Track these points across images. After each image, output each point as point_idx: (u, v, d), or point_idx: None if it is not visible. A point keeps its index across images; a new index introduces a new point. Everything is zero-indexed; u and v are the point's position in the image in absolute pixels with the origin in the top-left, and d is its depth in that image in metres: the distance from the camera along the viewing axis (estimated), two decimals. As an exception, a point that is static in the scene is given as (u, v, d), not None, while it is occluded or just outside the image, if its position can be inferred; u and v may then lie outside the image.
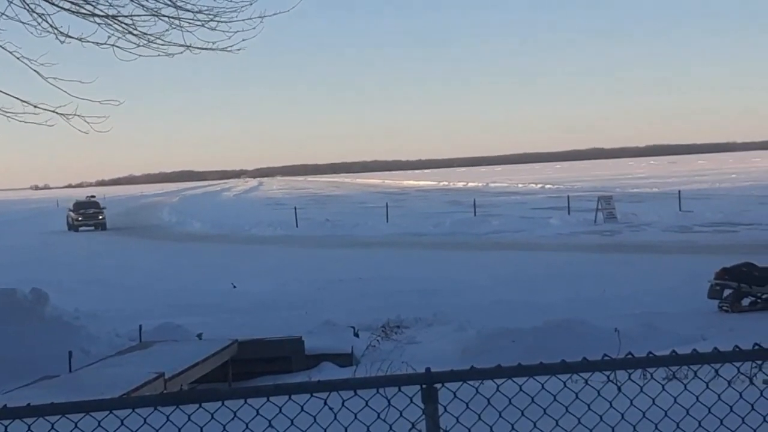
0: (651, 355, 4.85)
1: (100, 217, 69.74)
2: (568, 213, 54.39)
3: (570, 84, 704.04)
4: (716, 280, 21.94)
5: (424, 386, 4.56)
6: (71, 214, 70.53)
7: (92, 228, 68.27)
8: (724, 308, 21.65)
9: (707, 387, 5.24)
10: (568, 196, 60.19)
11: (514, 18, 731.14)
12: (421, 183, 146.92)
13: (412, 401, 4.74)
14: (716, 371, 5.39)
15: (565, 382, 5.02)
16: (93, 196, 76.95)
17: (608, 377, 6.09)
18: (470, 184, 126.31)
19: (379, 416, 4.94)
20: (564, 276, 29.20)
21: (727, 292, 21.84)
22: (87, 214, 69.87)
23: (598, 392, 5.18)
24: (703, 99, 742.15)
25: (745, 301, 21.96)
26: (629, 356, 4.90)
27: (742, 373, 7.31)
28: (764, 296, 22.03)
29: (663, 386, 5.62)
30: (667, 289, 24.80)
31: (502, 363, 4.68)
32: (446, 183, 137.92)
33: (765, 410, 5.35)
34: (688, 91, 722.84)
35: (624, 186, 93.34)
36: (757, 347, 4.87)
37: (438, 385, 4.59)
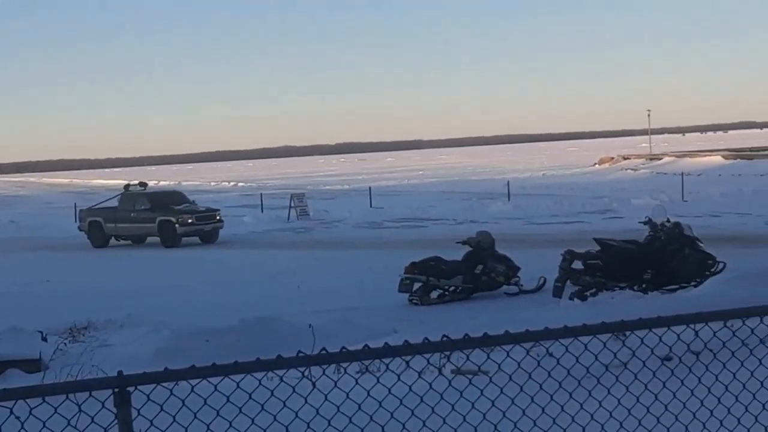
0: (344, 350, 4.90)
1: (218, 217, 42.18)
2: (261, 211, 54.59)
3: (258, 82, 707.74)
4: (406, 275, 22.58)
5: (116, 390, 4.43)
6: (162, 217, 40.61)
7: (197, 239, 41.09)
8: (414, 301, 22.31)
9: (399, 379, 5.35)
10: (261, 194, 60.42)
11: (182, 20, 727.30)
12: (112, 182, 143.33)
13: (104, 406, 4.59)
14: (407, 363, 5.52)
15: (260, 380, 5.00)
16: (145, 184, 45.67)
17: (303, 373, 6.13)
18: (162, 183, 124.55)
19: (69, 423, 4.77)
20: (258, 273, 29.30)
21: (416, 285, 22.52)
22: (201, 215, 41.48)
23: (294, 388, 5.19)
24: (389, 99, 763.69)
25: (434, 294, 22.71)
26: (323, 352, 4.94)
27: (431, 364, 7.53)
28: (452, 289, 22.87)
29: (356, 380, 5.71)
30: (359, 284, 25.31)
31: (197, 363, 4.61)
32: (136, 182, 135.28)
33: (453, 399, 5.52)
34: (375, 91, 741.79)
35: (316, 183, 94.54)
36: (445, 338, 5.01)
37: (131, 389, 4.47)
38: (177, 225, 40.20)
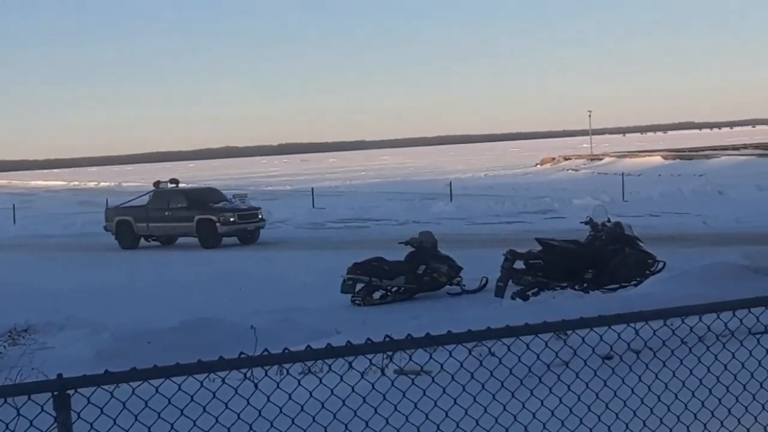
0: (287, 351, 4.88)
1: (260, 216, 39.78)
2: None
3: (201, 82, 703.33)
4: (348, 275, 22.58)
5: (55, 393, 4.38)
6: (201, 216, 37.78)
7: (236, 238, 38.42)
8: (356, 302, 22.32)
9: (342, 379, 5.34)
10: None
11: (121, 20, 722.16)
12: (51, 183, 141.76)
13: (43, 409, 4.54)
14: (350, 364, 5.51)
15: (202, 382, 4.97)
16: (177, 181, 42.59)
17: (245, 375, 6.10)
18: (102, 184, 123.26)
19: (8, 427, 4.71)
20: (202, 273, 29.20)
21: (359, 286, 22.53)
22: (243, 213, 38.97)
23: (236, 390, 5.16)
24: (332, 99, 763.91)
25: (377, 295, 22.73)
26: (265, 353, 4.92)
27: (374, 365, 7.53)
28: (394, 289, 22.90)
29: (299, 381, 5.69)
30: (302, 284, 25.27)
31: (137, 365, 4.57)
32: (77, 183, 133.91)
33: (396, 399, 5.53)
34: (317, 91, 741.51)
35: (258, 184, 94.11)
36: (388, 339, 5.01)
37: (71, 391, 4.42)
38: (218, 224, 37.47)
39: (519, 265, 21.10)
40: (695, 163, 73.65)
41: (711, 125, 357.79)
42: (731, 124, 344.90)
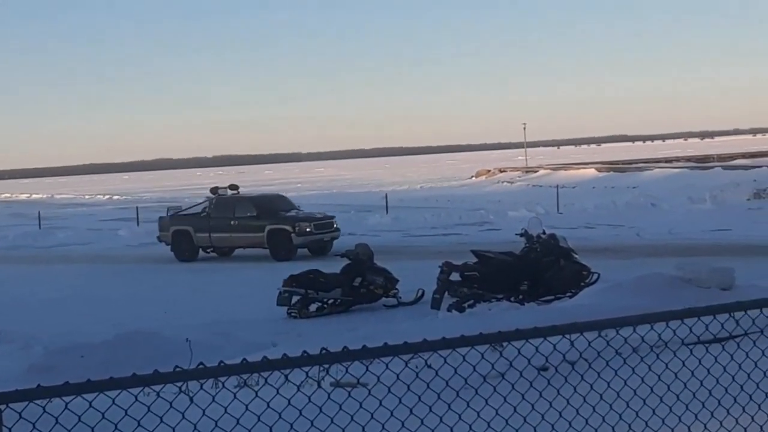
0: (222, 363, 4.85)
1: (335, 225, 36.90)
2: (137, 224, 53.73)
3: (132, 93, 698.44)
4: (284, 288, 22.52)
5: (-14, 409, 4.32)
6: (273, 225, 34.81)
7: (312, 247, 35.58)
8: (292, 314, 22.25)
9: (278, 392, 5.32)
10: (137, 207, 59.55)
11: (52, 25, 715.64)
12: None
13: (-26, 425, 4.46)
14: (286, 377, 5.49)
15: (136, 396, 4.92)
16: (236, 187, 39.68)
17: (180, 388, 6.05)
18: (34, 196, 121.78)
19: (-64, 444, 4.62)
20: (137, 287, 28.93)
21: (295, 298, 22.47)
22: (319, 222, 35.99)
23: (171, 404, 5.11)
24: (267, 111, 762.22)
25: (313, 307, 22.68)
26: (201, 366, 4.88)
27: (310, 377, 7.50)
28: (330, 301, 22.87)
29: (234, 394, 5.66)
30: (239, 297, 25.16)
31: (71, 379, 4.51)
32: (8, 195, 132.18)
33: (332, 412, 5.51)
34: (252, 103, 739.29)
35: (194, 196, 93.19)
36: (324, 351, 4.99)
37: (2, 406, 4.35)
38: (294, 234, 34.49)
39: (455, 277, 21.16)
40: (629, 175, 74.36)
41: (644, 138, 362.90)
42: (663, 137, 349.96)
